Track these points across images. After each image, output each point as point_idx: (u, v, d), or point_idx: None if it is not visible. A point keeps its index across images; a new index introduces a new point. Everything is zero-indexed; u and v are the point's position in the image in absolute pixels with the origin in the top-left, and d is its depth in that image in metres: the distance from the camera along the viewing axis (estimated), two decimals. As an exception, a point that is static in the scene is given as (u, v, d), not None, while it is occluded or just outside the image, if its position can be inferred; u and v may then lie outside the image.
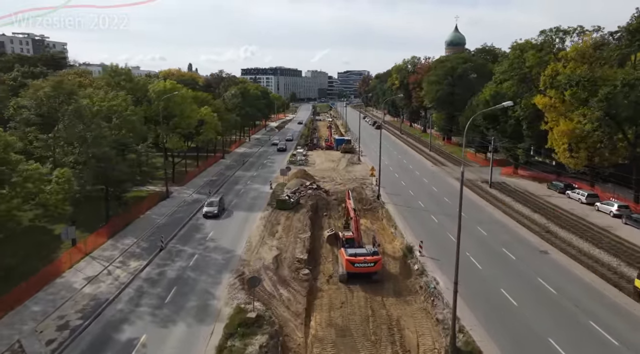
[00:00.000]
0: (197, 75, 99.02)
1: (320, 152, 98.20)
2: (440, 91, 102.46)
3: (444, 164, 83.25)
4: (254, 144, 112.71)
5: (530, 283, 32.73)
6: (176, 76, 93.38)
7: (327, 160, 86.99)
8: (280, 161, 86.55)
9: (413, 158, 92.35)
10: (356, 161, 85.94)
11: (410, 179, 69.57)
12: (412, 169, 79.10)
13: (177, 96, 59.36)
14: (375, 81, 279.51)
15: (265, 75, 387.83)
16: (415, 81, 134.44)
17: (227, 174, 72.86)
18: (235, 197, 57.94)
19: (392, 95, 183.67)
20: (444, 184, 66.05)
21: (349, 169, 77.92)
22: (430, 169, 79.44)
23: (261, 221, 46.55)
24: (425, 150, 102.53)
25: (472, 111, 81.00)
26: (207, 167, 77.33)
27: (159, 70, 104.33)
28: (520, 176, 70.27)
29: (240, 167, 79.37)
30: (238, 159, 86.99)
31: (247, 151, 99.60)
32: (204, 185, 63.72)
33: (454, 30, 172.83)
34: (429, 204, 54.19)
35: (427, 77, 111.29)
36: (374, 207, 53.29)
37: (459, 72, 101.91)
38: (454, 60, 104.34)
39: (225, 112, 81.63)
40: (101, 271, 33.01)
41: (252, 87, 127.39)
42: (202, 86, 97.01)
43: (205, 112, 63.39)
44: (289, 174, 65.78)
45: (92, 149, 33.70)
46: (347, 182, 66.34)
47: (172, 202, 53.61)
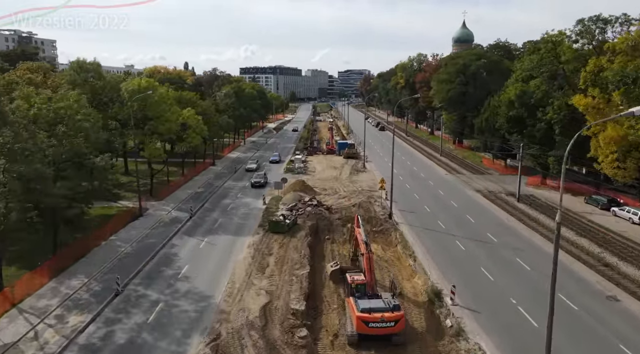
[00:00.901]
0: (187, 73, 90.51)
1: (321, 158, 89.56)
2: (452, 90, 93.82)
3: (459, 172, 74.60)
4: (249, 147, 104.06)
5: (611, 348, 24.14)
6: (162, 74, 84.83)
7: (329, 167, 78.37)
8: (276, 168, 77.98)
9: (423, 164, 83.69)
10: (361, 168, 77.30)
11: (424, 191, 60.97)
12: (424, 177, 70.46)
13: (155, 96, 50.77)
14: (377, 80, 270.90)
15: (264, 75, 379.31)
16: (422, 80, 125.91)
17: (216, 184, 64.22)
18: (222, 215, 49.31)
19: (396, 94, 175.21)
20: (464, 198, 57.44)
21: (353, 178, 69.30)
22: (444, 177, 70.77)
23: (249, 250, 37.95)
24: (435, 155, 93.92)
25: (491, 112, 72.54)
26: (193, 176, 68.73)
27: (143, 67, 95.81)
28: (550, 187, 61.64)
29: (232, 176, 70.74)
30: (230, 166, 78.37)
31: (241, 156, 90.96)
32: (187, 199, 55.14)
33: (462, 26, 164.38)
34: (450, 225, 45.57)
35: (437, 75, 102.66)
36: (386, 229, 44.64)
37: (472, 70, 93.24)
38: (467, 57, 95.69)
39: (214, 113, 73.02)
40: (25, 334, 24.41)
41: (248, 86, 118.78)
42: (191, 85, 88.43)
43: (188, 114, 54.69)
44: (284, 187, 57.19)
45: (19, 166, 25.13)
46: (352, 195, 57.72)
47: (145, 223, 45.03)
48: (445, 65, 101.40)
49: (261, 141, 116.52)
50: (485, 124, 74.87)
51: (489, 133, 74.56)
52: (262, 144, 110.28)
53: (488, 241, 40.68)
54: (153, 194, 55.05)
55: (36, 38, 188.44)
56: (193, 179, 67.30)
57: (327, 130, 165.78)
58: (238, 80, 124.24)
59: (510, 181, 66.52)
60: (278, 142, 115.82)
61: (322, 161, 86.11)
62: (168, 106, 51.90)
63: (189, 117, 54.61)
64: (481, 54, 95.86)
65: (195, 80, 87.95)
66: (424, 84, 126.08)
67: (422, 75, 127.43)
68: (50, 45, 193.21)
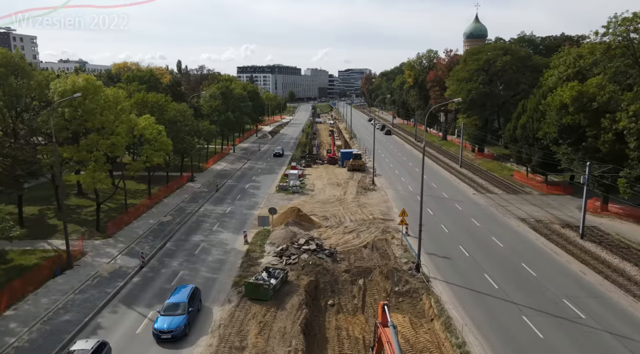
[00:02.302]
0: (164, 70, 77.63)
1: (321, 170, 76.20)
2: (474, 91, 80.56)
3: (489, 191, 61.27)
4: (239, 156, 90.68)
5: None
6: (133, 72, 71.43)
7: (331, 184, 64.99)
8: (268, 185, 64.69)
9: (442, 179, 70.35)
10: (369, 185, 64.00)
11: (453, 220, 47.68)
12: (447, 198, 57.18)
13: (100, 99, 37.46)
14: (379, 79, 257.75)
15: (262, 74, 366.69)
16: (434, 79, 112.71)
17: (189, 210, 50.92)
18: (186, 263, 35.97)
19: (402, 95, 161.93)
20: (508, 232, 44.13)
21: (361, 199, 55.99)
22: (472, 199, 57.43)
23: (211, 340, 24.69)
24: (453, 166, 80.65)
25: (529, 117, 59.33)
26: (163, 197, 55.46)
27: (111, 63, 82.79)
28: (613, 215, 48.37)
29: (211, 197, 57.46)
30: (211, 183, 65.03)
31: (226, 168, 77.59)
32: (146, 235, 41.87)
33: (474, 20, 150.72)
34: (504, 282, 32.31)
35: (454, 73, 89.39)
36: (414, 290, 31.34)
37: (497, 67, 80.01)
38: (491, 52, 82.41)
39: (191, 120, 59.69)
40: None
41: (238, 86, 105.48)
42: (169, 86, 75.40)
43: (145, 124, 41.26)
44: (272, 218, 43.94)
45: None
46: (361, 227, 44.45)
47: (72, 280, 31.75)
48: (464, 62, 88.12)
49: (253, 148, 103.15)
50: (520, 132, 61.58)
51: (525, 142, 61.27)
52: (253, 152, 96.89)
53: (573, 319, 27.38)
54: (100, 228, 41.78)
55: (15, 34, 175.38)
56: (161, 201, 54.00)
57: (327, 133, 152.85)
58: (227, 80, 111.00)
59: (557, 203, 53.32)
60: (272, 150, 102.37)
61: (323, 174, 72.80)
62: (116, 114, 38.52)
63: (145, 127, 41.19)
64: (507, 48, 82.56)
65: (173, 79, 74.78)
66: (435, 84, 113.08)
67: (433, 73, 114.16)
68: (29, 42, 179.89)
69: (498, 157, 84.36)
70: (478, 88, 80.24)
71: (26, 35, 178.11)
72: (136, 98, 49.48)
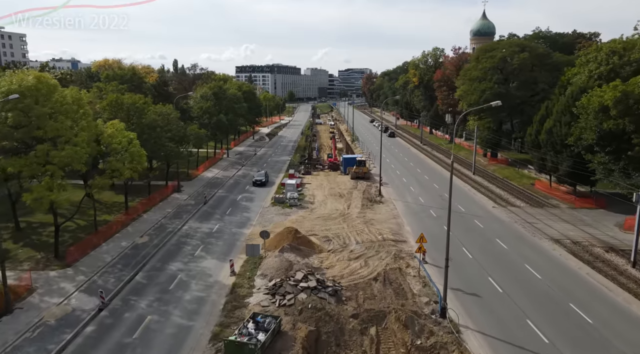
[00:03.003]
0: (150, 69, 70.95)
1: (322, 178, 69.50)
2: (488, 91, 73.91)
3: (510, 203, 54.61)
4: (233, 162, 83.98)
5: None
6: (113, 70, 64.60)
7: (332, 195, 58.27)
8: (263, 196, 58.02)
9: (456, 189, 63.25)
10: (375, 196, 57.35)
11: (476, 241, 40.96)
12: (466, 213, 50.50)
13: (51, 102, 30.80)
14: (381, 79, 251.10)
15: (261, 74, 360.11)
16: (441, 78, 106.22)
17: (170, 228, 44.25)
18: (157, 304, 29.23)
19: (405, 95, 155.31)
20: (542, 257, 37.39)
21: (367, 214, 49.31)
22: (493, 213, 50.75)
23: None
24: (466, 172, 74.00)
25: (559, 121, 52.75)
26: (142, 212, 48.77)
27: (91, 61, 76.24)
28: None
29: (198, 211, 50.80)
30: (200, 194, 58.35)
31: (218, 176, 70.90)
32: (113, 263, 35.22)
33: (482, 17, 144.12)
34: (555, 333, 25.60)
35: (466, 72, 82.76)
36: (440, 345, 24.59)
37: (514, 65, 73.37)
38: (507, 49, 75.72)
39: (176, 123, 53.01)
40: None
41: (233, 86, 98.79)
42: (154, 86, 68.75)
43: (112, 131, 34.53)
44: (266, 241, 37.23)
45: None
46: (369, 251, 37.79)
47: (3, 334, 25.09)
48: (476, 60, 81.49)
49: (249, 152, 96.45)
50: (546, 137, 54.94)
51: (550, 149, 54.64)
52: (249, 157, 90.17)
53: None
54: (59, 254, 35.10)
55: (3, 32, 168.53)
56: (140, 217, 47.32)
57: (327, 135, 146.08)
58: (222, 79, 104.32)
59: (591, 219, 46.66)
60: (269, 154, 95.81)
61: (323, 182, 66.11)
62: (76, 119, 31.83)
63: (112, 135, 34.48)
64: (524, 45, 75.86)
65: (159, 79, 68.10)
66: (443, 83, 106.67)
67: (441, 72, 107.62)
68: (19, 40, 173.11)
69: (513, 163, 77.74)
70: (493, 88, 73.59)
71: (15, 33, 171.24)
72: (109, 100, 42.76)
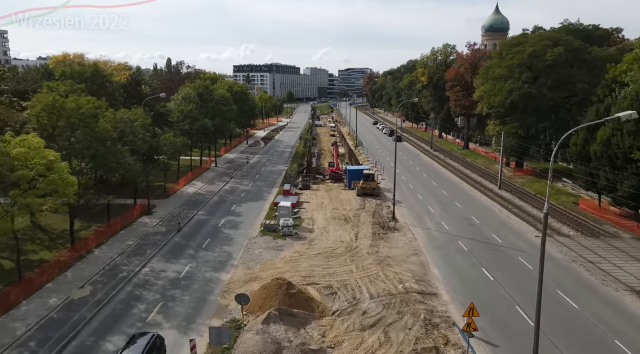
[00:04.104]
0: (120, 66, 60.72)
1: (323, 194, 59.15)
2: (516, 92, 63.58)
3: (557, 230, 44.19)
4: (221, 172, 73.51)
5: None
6: (71, 67, 53.81)
7: (335, 218, 47.82)
8: (250, 220, 47.62)
9: (483, 209, 53.23)
10: (388, 221, 47.00)
11: (531, 296, 30.53)
12: (504, 245, 40.07)
13: None
14: (383, 79, 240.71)
15: (259, 73, 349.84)
16: (455, 77, 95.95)
17: (124, 272, 33.81)
18: None
19: (410, 95, 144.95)
20: (635, 325, 27.07)
21: (381, 248, 38.88)
22: (536, 244, 40.21)
23: None
24: (489, 186, 63.76)
25: (619, 130, 42.40)
26: (95, 246, 38.35)
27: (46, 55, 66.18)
28: None
29: (167, 244, 40.38)
30: (175, 216, 48.00)
31: (201, 191, 60.49)
32: (28, 335, 24.82)
33: (494, 12, 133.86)
34: None
35: (487, 69, 72.41)
36: None
37: (547, 61, 62.99)
38: (537, 43, 65.30)
39: (141, 132, 42.60)
40: None
41: (223, 85, 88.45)
42: (124, 85, 58.35)
43: (20, 151, 23.91)
44: (243, 307, 26.80)
45: None
46: (388, 310, 27.42)
47: None
48: (499, 56, 71.10)
49: (241, 160, 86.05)
50: (600, 149, 44.56)
51: (606, 163, 44.30)
52: (239, 166, 79.73)
53: None
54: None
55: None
56: (90, 253, 36.91)
57: (328, 137, 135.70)
58: (211, 78, 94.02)
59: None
60: (263, 162, 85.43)
61: (325, 199, 55.78)
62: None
63: (21, 157, 23.93)
64: (558, 38, 65.44)
65: (130, 78, 57.75)
66: (456, 83, 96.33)
67: (454, 70, 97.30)
68: None
69: (542, 174, 67.45)
70: (521, 88, 63.24)
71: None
72: (43, 104, 32.34)
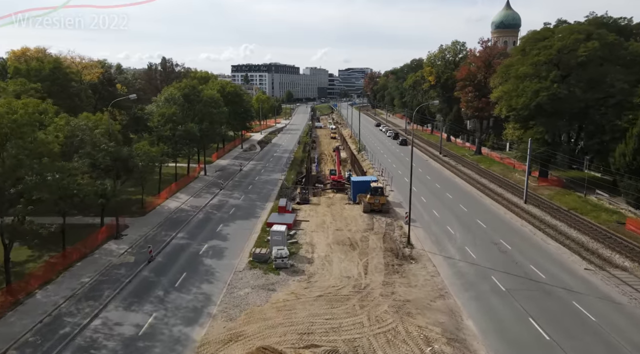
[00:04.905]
0: (92, 63, 53.26)
1: (324, 210, 51.44)
2: (544, 92, 55.91)
3: (611, 262, 36.37)
4: (210, 182, 65.73)
5: None
6: (27, 64, 45.86)
7: (339, 243, 40.10)
8: (239, 246, 39.87)
9: (512, 229, 45.48)
10: (403, 246, 39.31)
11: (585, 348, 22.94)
12: (548, 282, 32.26)
13: None
14: (385, 79, 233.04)
15: (258, 73, 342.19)
16: (467, 76, 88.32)
17: (67, 327, 26.05)
18: None
19: (415, 96, 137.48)
20: None
21: (397, 287, 31.13)
22: (596, 286, 32.37)
23: None
24: (512, 199, 56.19)
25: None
26: (37, 287, 30.56)
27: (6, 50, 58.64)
28: None
29: (131, 280, 32.63)
30: (147, 241, 40.31)
31: (185, 207, 52.71)
32: None
33: (505, 7, 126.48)
34: None
35: (508, 68, 64.71)
36: None
37: (581, 57, 55.32)
38: (566, 37, 57.60)
39: (103, 141, 34.95)
40: None
41: (215, 86, 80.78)
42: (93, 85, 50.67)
43: None
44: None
45: None
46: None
47: None
48: (521, 53, 63.38)
49: (234, 167, 78.31)
50: None
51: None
52: (232, 174, 71.99)
53: None
54: None
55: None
56: (30, 297, 29.15)
57: (328, 140, 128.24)
58: (202, 78, 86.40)
59: None
60: (258, 170, 77.71)
61: (326, 217, 48.06)
62: None
63: None
64: (591, 32, 57.70)
65: (102, 77, 50.04)
66: (468, 83, 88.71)
67: (466, 69, 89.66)
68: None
69: (570, 185, 59.87)
70: (550, 88, 55.54)
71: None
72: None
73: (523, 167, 72.43)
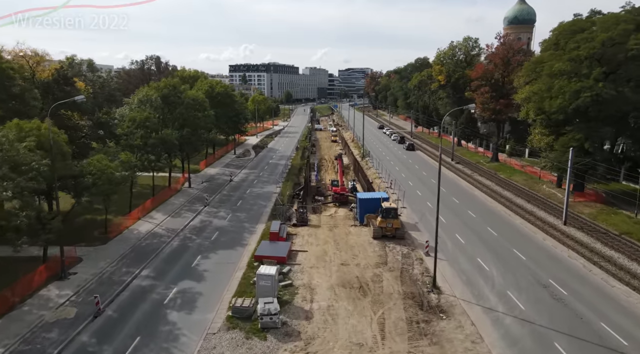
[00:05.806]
0: (42, 58, 45.09)
1: (325, 234, 42.64)
2: (587, 93, 47.15)
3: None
4: (193, 197, 56.82)
5: None
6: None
7: (345, 285, 31.31)
8: (219, 286, 31.07)
9: (560, 263, 36.56)
10: (427, 291, 30.54)
11: None
12: (629, 350, 23.64)
13: None
14: (387, 79, 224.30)
15: (256, 73, 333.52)
16: (483, 75, 79.66)
17: None
18: None
19: (421, 96, 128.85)
20: None
21: (429, 366, 22.50)
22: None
23: None
24: (547, 219, 47.46)
25: None
26: None
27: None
28: None
29: (65, 346, 23.83)
30: (100, 283, 31.54)
31: (156, 232, 43.78)
32: None
33: (519, 1, 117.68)
34: None
35: (538, 64, 55.98)
36: None
37: (632, 51, 46.59)
38: (611, 27, 48.85)
39: (36, 155, 26.24)
40: None
41: (203, 85, 72.03)
42: (45, 84, 42.03)
43: None
44: None
45: None
46: None
47: None
48: (555, 47, 54.62)
49: (223, 177, 69.43)
50: None
51: None
52: (220, 186, 63.10)
53: None
54: None
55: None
56: None
57: (329, 144, 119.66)
58: (190, 77, 77.67)
59: None
60: (251, 180, 68.82)
61: (328, 247, 39.26)
62: None
63: None
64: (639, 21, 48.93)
65: (57, 74, 41.53)
66: (485, 83, 80.00)
67: (482, 67, 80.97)
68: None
69: (610, 200, 51.25)
70: (593, 88, 46.80)
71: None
72: None
73: (550, 178, 63.97)
